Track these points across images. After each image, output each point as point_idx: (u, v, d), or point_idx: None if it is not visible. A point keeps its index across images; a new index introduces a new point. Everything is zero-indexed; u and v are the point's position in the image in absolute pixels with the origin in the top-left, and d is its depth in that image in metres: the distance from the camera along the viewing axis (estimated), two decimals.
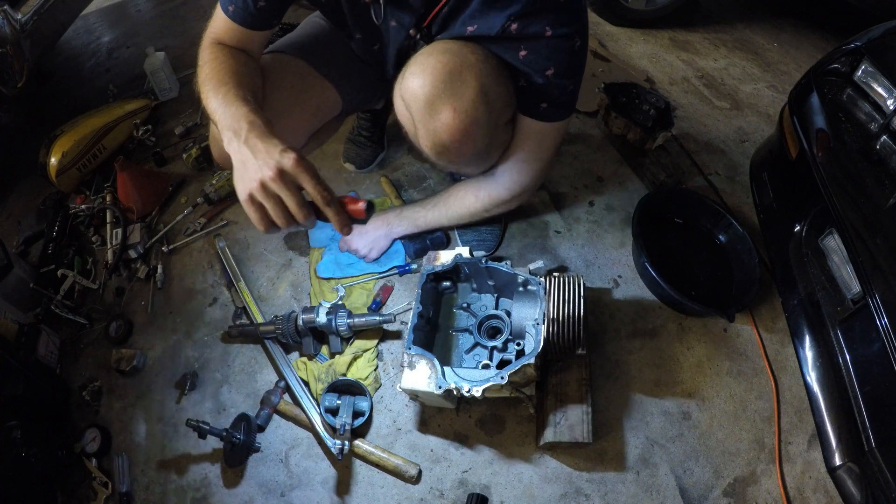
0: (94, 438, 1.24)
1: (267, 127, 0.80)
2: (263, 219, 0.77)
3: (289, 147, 0.75)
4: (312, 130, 1.24)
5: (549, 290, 1.19)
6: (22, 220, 1.75)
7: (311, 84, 1.18)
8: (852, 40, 1.23)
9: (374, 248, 1.41)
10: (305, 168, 0.74)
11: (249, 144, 0.77)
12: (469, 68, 0.93)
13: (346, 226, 0.76)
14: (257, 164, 0.75)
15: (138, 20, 2.73)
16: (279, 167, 0.73)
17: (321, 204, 0.74)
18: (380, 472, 1.16)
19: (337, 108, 1.27)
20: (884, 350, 0.92)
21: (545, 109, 1.06)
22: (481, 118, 0.96)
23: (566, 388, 1.15)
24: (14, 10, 1.66)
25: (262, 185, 0.74)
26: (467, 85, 0.93)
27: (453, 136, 0.96)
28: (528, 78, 1.01)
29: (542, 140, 1.14)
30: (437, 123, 0.96)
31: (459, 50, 0.95)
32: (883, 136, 1.10)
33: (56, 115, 1.93)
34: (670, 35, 2.27)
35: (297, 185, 0.74)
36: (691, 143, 1.75)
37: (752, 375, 1.24)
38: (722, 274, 1.39)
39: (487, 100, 0.95)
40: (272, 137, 0.77)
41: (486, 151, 1.08)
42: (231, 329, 1.37)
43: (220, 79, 0.91)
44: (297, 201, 0.74)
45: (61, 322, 1.47)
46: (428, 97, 0.94)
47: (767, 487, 1.10)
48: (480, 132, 0.99)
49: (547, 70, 0.99)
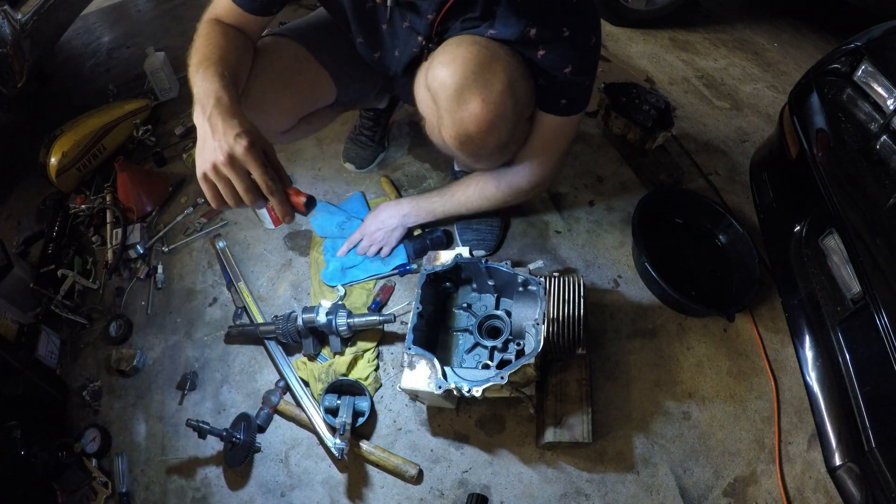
0: (94, 438, 1.24)
1: (232, 105, 0.83)
2: (215, 196, 0.83)
3: (244, 130, 0.79)
4: (302, 113, 1.26)
5: (549, 290, 1.19)
6: (22, 220, 1.75)
7: (305, 68, 1.20)
8: (852, 40, 1.23)
9: (387, 242, 1.41)
10: (254, 156, 0.78)
11: (211, 122, 0.81)
12: (498, 60, 0.94)
13: (287, 215, 0.82)
14: (213, 146, 0.79)
15: (138, 20, 2.74)
16: (230, 152, 0.78)
17: (265, 192, 0.80)
18: (380, 472, 1.16)
19: (331, 97, 1.28)
20: (884, 350, 0.91)
21: (564, 105, 1.08)
22: (508, 111, 0.97)
23: (566, 388, 1.15)
24: (14, 10, 1.66)
25: (214, 167, 0.79)
26: (497, 77, 0.94)
27: (480, 127, 0.97)
28: (547, 76, 1.02)
29: (560, 133, 1.15)
30: (465, 113, 0.96)
31: (488, 43, 0.95)
32: (883, 136, 1.10)
33: (56, 115, 1.93)
34: (670, 35, 2.27)
35: (246, 170, 0.79)
36: (691, 143, 1.75)
37: (752, 375, 1.24)
38: (722, 274, 1.39)
39: (515, 94, 0.96)
40: (233, 118, 0.81)
41: (507, 145, 1.08)
42: (231, 329, 1.37)
43: (205, 54, 0.93)
44: (245, 186, 0.79)
45: (61, 322, 1.47)
46: (457, 86, 0.94)
47: (767, 487, 1.10)
48: (505, 125, 0.99)
49: (565, 68, 0.99)
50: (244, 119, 0.82)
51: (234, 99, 0.85)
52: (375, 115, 1.63)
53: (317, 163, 1.76)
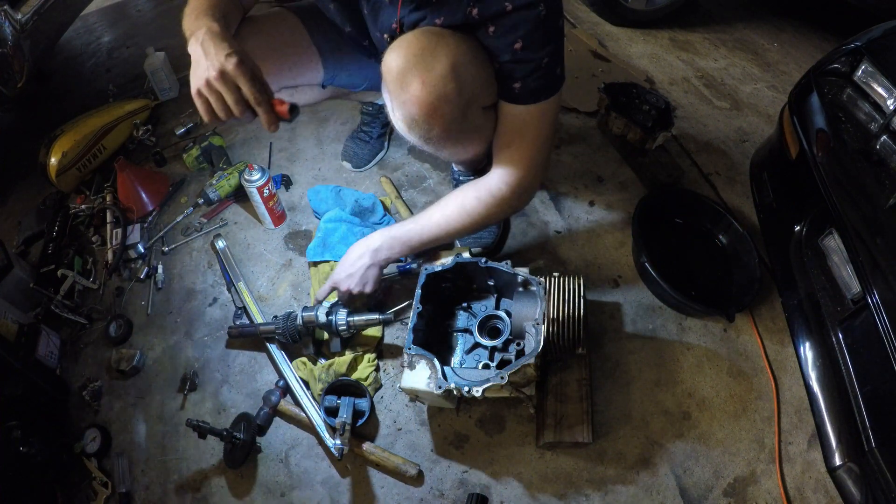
0: (94, 438, 1.24)
1: (223, 32, 0.91)
2: (208, 110, 0.90)
3: (234, 51, 0.87)
4: (283, 83, 1.28)
5: (549, 290, 1.19)
6: (22, 220, 1.75)
7: (297, 41, 1.24)
8: (852, 40, 1.23)
9: (365, 282, 1.24)
10: (243, 71, 0.86)
11: (203, 46, 0.89)
12: (443, 46, 0.95)
13: (272, 123, 0.89)
14: (206, 65, 0.87)
15: (138, 20, 2.74)
16: (222, 69, 0.86)
17: (252, 102, 0.88)
18: (380, 472, 1.16)
19: (316, 77, 1.31)
20: (884, 350, 0.91)
21: (520, 90, 1.02)
22: (451, 95, 0.96)
23: (566, 388, 1.15)
24: (14, 10, 1.66)
25: (207, 82, 0.87)
26: (438, 60, 0.94)
27: (421, 109, 0.97)
28: (499, 57, 0.99)
29: (524, 126, 1.07)
30: (407, 96, 0.96)
31: (439, 31, 0.97)
32: (883, 136, 1.10)
33: (56, 115, 1.93)
34: (670, 35, 2.27)
35: (236, 84, 0.87)
36: (691, 143, 1.75)
37: (752, 375, 1.24)
38: (722, 274, 1.39)
39: (458, 77, 0.95)
40: (223, 41, 0.89)
41: (459, 132, 1.06)
42: (231, 329, 1.37)
43: (194, 5, 1.01)
44: (234, 98, 0.87)
45: (61, 322, 1.47)
46: (400, 69, 0.95)
47: (767, 487, 1.10)
48: (449, 108, 0.98)
49: (514, 44, 0.96)
50: (234, 41, 0.90)
51: (225, 28, 0.93)
52: (374, 109, 1.63)
53: (317, 163, 1.76)
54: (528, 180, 1.13)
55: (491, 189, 1.13)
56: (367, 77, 1.37)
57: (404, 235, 1.21)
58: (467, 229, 1.18)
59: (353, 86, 1.40)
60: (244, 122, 0.91)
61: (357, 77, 1.36)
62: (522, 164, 1.11)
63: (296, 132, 1.86)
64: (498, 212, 1.16)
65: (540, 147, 1.11)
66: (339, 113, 1.90)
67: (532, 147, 1.10)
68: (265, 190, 1.47)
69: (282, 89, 1.29)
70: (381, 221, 1.53)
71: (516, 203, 1.17)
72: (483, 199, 1.14)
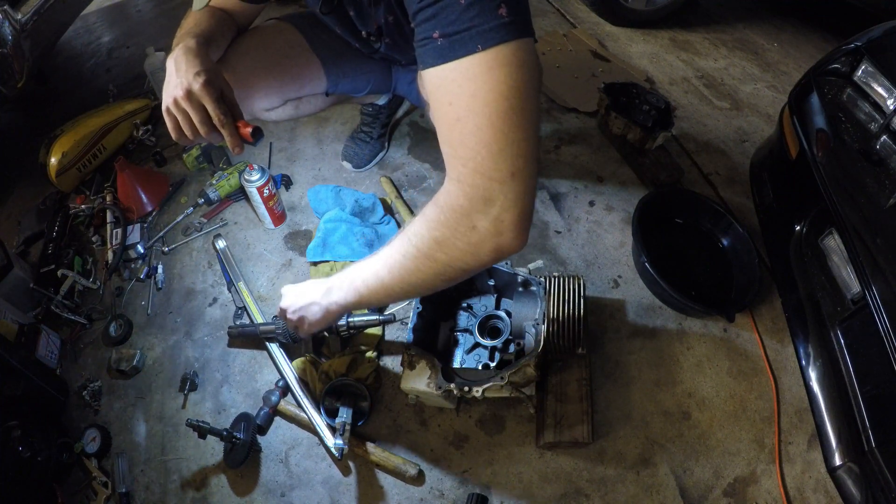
0: (94, 438, 1.24)
1: (197, 49, 0.90)
2: (175, 128, 0.90)
3: (203, 70, 0.86)
4: (287, 96, 1.28)
5: (549, 290, 1.19)
6: (22, 220, 1.74)
7: (298, 54, 1.24)
8: (852, 40, 1.23)
9: (305, 315, 1.04)
10: (209, 92, 0.86)
11: (176, 63, 0.89)
12: None
13: (236, 146, 0.89)
14: (176, 82, 0.87)
15: (138, 20, 2.74)
16: (189, 88, 0.85)
17: (216, 123, 0.87)
18: (380, 472, 1.16)
19: (319, 86, 1.31)
20: (884, 350, 0.92)
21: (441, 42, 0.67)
22: None
23: (566, 388, 1.15)
24: (14, 10, 1.65)
25: (174, 100, 0.87)
26: None
27: None
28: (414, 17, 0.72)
29: (460, 93, 0.68)
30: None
31: None
32: (883, 136, 1.10)
33: (56, 115, 1.93)
34: (670, 35, 2.27)
35: (202, 104, 0.86)
36: (691, 143, 1.75)
37: (752, 375, 1.24)
38: (722, 274, 1.39)
39: None
40: (195, 58, 0.88)
41: None
42: (231, 329, 1.37)
43: (187, 24, 1.03)
44: (200, 118, 0.87)
45: (61, 322, 1.47)
46: None
47: (767, 487, 1.10)
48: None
49: None
50: (205, 60, 0.89)
51: (201, 46, 0.92)
52: (374, 110, 1.63)
53: (317, 163, 1.76)
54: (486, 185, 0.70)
55: (445, 202, 0.75)
56: (369, 81, 1.37)
57: (350, 273, 0.94)
58: (418, 268, 0.80)
59: (356, 90, 1.40)
60: (212, 142, 0.92)
61: (360, 81, 1.37)
62: (468, 159, 0.70)
63: (296, 132, 1.86)
64: (449, 236, 0.75)
65: (497, 124, 0.68)
66: (340, 113, 1.90)
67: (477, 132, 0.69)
68: (265, 190, 1.47)
69: (287, 101, 1.29)
70: (381, 221, 1.53)
71: (483, 220, 0.72)
72: (429, 216, 0.77)
